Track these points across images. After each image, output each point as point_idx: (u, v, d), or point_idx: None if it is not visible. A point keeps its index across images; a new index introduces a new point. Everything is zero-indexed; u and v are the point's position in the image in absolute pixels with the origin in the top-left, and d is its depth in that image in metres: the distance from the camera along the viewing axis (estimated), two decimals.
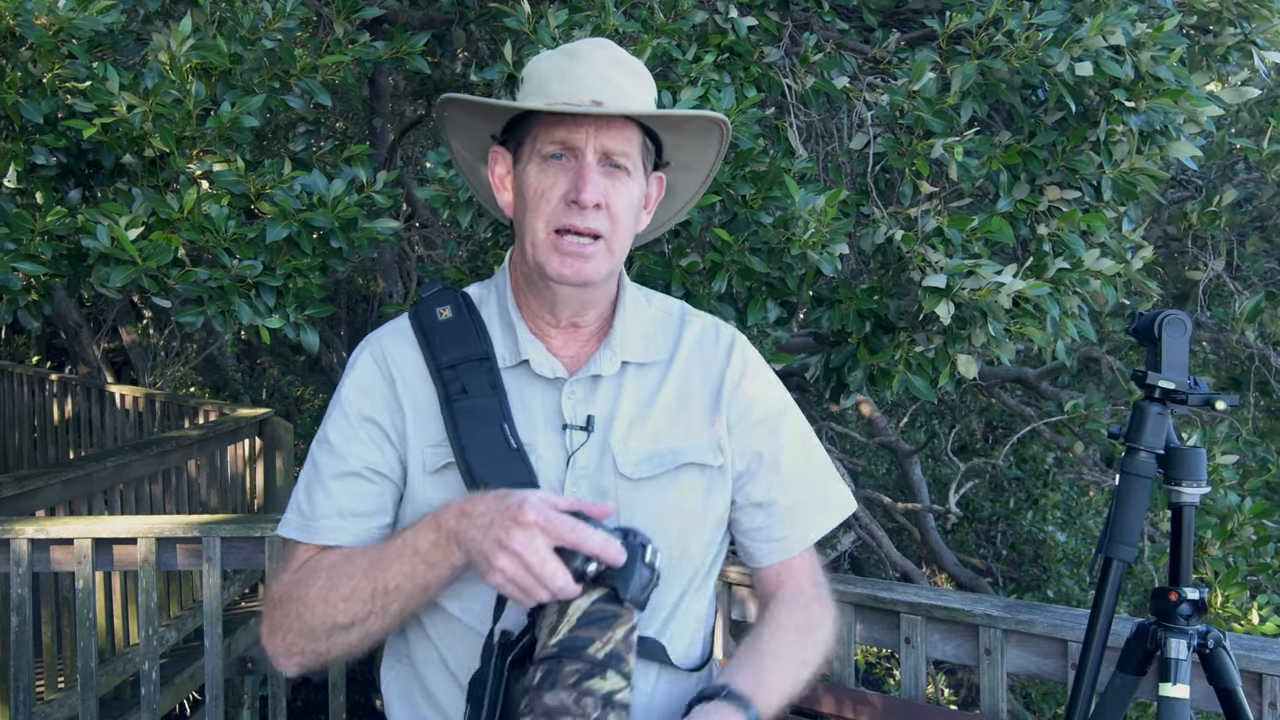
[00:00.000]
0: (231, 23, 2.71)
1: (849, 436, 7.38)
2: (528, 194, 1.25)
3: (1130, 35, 2.63)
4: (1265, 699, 2.13)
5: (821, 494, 1.41)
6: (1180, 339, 1.89)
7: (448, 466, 1.25)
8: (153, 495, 5.45)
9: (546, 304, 1.30)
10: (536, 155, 1.25)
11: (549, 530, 1.05)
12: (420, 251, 6.61)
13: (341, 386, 1.32)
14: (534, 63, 1.32)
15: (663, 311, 1.41)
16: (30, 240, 2.47)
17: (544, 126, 1.25)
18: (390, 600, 1.15)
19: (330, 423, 1.31)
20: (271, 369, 10.41)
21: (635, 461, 1.28)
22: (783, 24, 3.05)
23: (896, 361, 2.77)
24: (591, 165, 1.23)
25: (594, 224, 1.23)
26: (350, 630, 1.18)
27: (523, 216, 1.27)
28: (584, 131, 1.23)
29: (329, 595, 1.18)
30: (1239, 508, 3.34)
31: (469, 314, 1.32)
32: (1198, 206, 3.62)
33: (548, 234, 1.24)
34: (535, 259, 1.25)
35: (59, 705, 4.15)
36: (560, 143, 1.23)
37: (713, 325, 1.42)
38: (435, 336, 1.30)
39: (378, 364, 1.31)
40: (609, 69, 1.26)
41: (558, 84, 1.25)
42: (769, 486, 1.36)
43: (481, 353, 1.28)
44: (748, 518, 1.37)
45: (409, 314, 1.35)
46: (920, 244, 2.68)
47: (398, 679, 1.33)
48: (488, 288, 1.38)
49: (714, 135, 1.35)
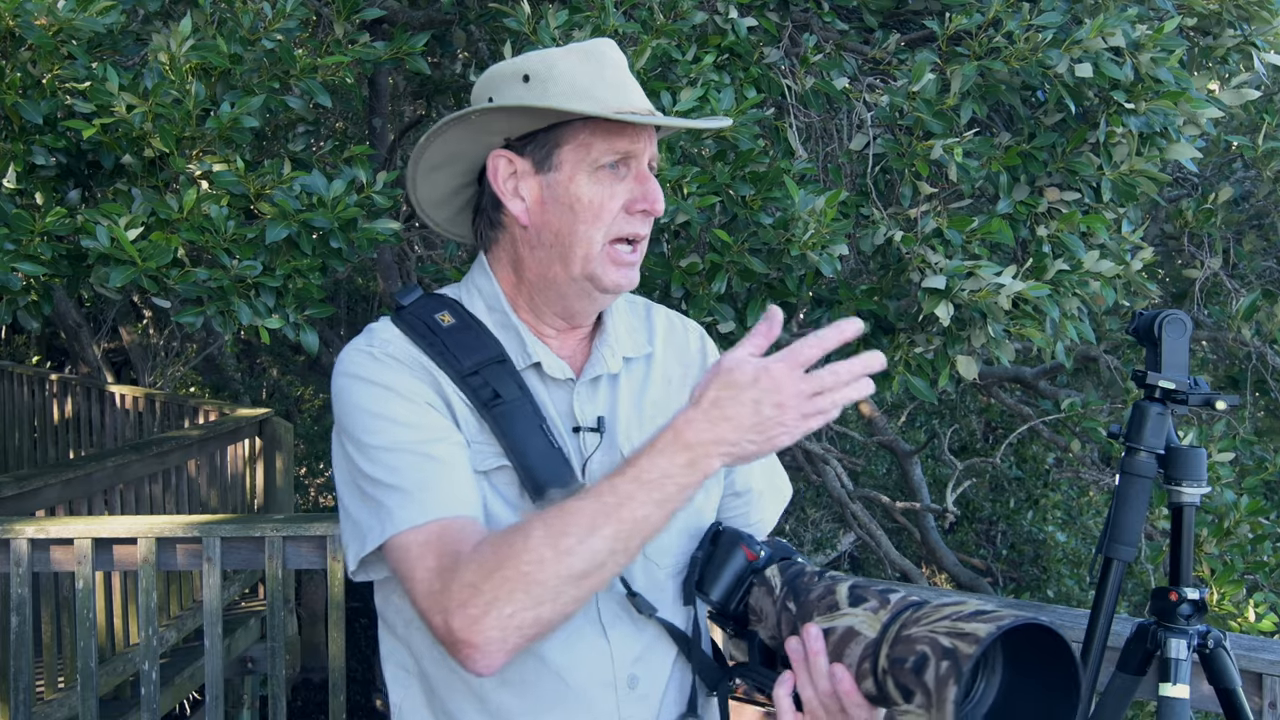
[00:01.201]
0: (231, 23, 2.71)
1: (849, 436, 7.38)
2: (577, 205, 1.21)
3: (1130, 37, 2.64)
4: (1265, 699, 2.13)
5: (777, 479, 1.47)
6: (1180, 339, 1.89)
7: (502, 469, 1.20)
8: (153, 495, 5.45)
9: (566, 310, 1.28)
10: (587, 164, 1.21)
11: (795, 360, 1.05)
12: (420, 251, 6.61)
13: (371, 380, 1.20)
14: (549, 64, 1.24)
15: (629, 304, 1.41)
16: (30, 240, 2.47)
17: (600, 135, 1.21)
18: (636, 533, 1.06)
19: (394, 409, 1.18)
20: (271, 369, 10.41)
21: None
22: (783, 25, 3.05)
23: (896, 362, 2.78)
24: (649, 174, 1.24)
25: (644, 229, 1.25)
26: (585, 580, 1.06)
27: (569, 228, 1.22)
28: (643, 141, 1.23)
29: (560, 542, 1.05)
30: (1236, 506, 3.35)
31: (469, 318, 1.28)
32: (1194, 204, 3.62)
33: (604, 244, 1.22)
34: (587, 270, 1.22)
35: (59, 705, 4.15)
36: (623, 152, 1.22)
37: (676, 316, 1.44)
38: (446, 342, 1.24)
39: (405, 359, 1.22)
40: (629, 73, 1.27)
41: (606, 91, 1.22)
42: (745, 473, 1.40)
43: (498, 355, 1.25)
44: (728, 505, 1.40)
45: (393, 320, 1.27)
46: (920, 245, 2.69)
47: (410, 698, 1.28)
48: (468, 290, 1.32)
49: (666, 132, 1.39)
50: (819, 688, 1.08)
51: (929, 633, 0.98)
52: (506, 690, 1.20)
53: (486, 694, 1.21)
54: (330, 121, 6.53)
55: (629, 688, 1.22)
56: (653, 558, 1.26)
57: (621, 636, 1.22)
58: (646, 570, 1.25)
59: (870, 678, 1.03)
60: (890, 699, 1.01)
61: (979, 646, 0.93)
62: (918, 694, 0.96)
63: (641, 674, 1.23)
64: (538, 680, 1.20)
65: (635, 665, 1.23)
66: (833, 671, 1.07)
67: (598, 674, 1.21)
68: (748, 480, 1.40)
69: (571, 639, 1.20)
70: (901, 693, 0.98)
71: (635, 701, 1.22)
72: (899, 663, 0.99)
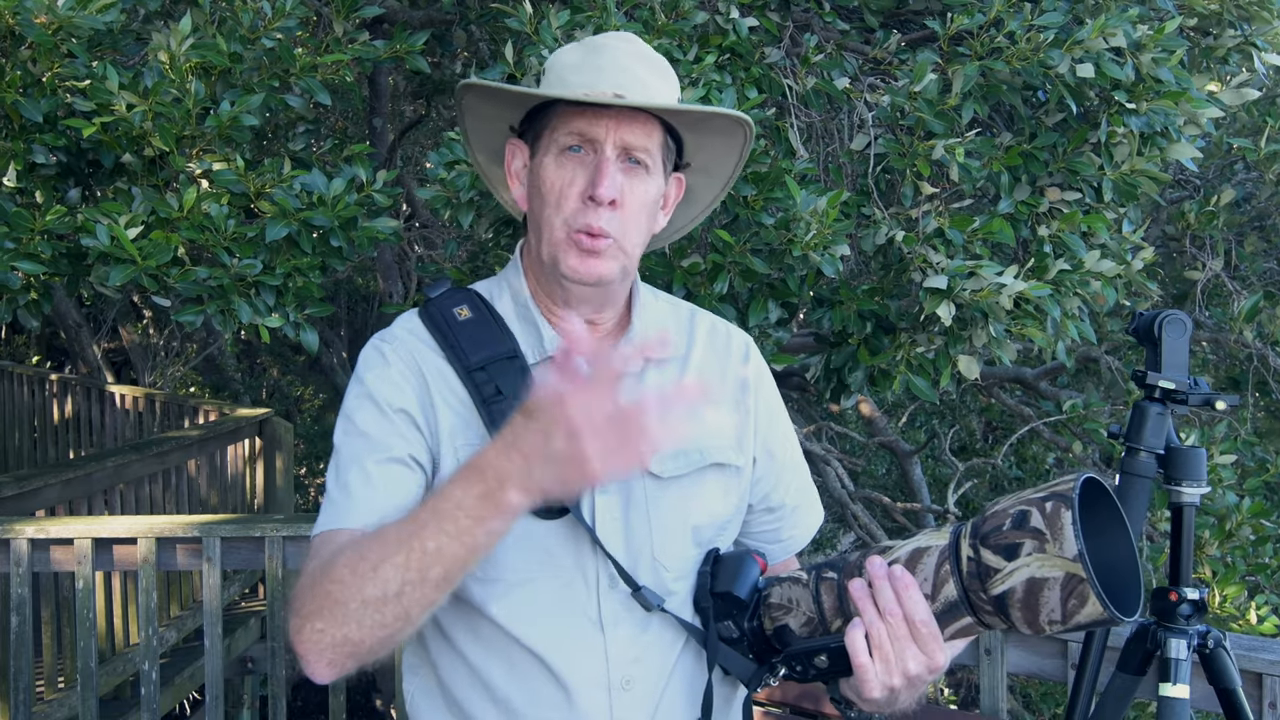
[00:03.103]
0: (231, 22, 2.71)
1: (849, 436, 7.38)
2: (544, 189, 1.22)
3: (1131, 37, 2.63)
4: (1265, 699, 2.13)
5: (811, 496, 1.44)
6: (1180, 339, 1.89)
7: None
8: (153, 495, 5.44)
9: (562, 301, 1.28)
10: (554, 147, 1.22)
11: (594, 385, 0.91)
12: (420, 251, 6.61)
13: (365, 383, 1.24)
14: (557, 54, 1.29)
15: (671, 308, 1.39)
16: (30, 239, 2.47)
17: (563, 117, 1.21)
18: (430, 565, 0.99)
19: (360, 416, 1.22)
20: (271, 369, 10.41)
21: (663, 459, 1.25)
22: (784, 25, 3.05)
23: (897, 362, 2.77)
24: (610, 159, 1.19)
25: (608, 225, 1.20)
26: (387, 608, 1.01)
27: (540, 212, 1.23)
28: (604, 124, 1.19)
29: (358, 565, 1.02)
30: (1237, 508, 3.35)
31: (488, 312, 1.29)
32: (1195, 206, 3.62)
33: (566, 232, 1.21)
34: (551, 255, 1.22)
35: (59, 705, 4.15)
36: (579, 134, 1.20)
37: (722, 324, 1.41)
38: (458, 336, 1.25)
39: (402, 359, 1.25)
40: (633, 62, 1.24)
41: (578, 75, 1.23)
42: (781, 489, 1.37)
43: (510, 350, 1.25)
44: (759, 520, 1.38)
45: (418, 314, 1.30)
46: (921, 245, 2.69)
47: (424, 692, 1.29)
48: (499, 284, 1.33)
49: (737, 137, 1.31)
50: (886, 609, 1.04)
51: (1015, 503, 1.00)
52: (512, 683, 1.21)
53: (494, 684, 1.22)
54: (331, 121, 6.53)
55: (623, 689, 1.21)
56: (660, 559, 1.24)
57: (620, 637, 1.22)
58: (654, 570, 1.24)
59: (953, 578, 1.02)
60: (985, 585, 0.99)
61: (1075, 483, 0.97)
62: (1027, 541, 0.97)
63: (637, 675, 1.22)
64: (536, 675, 1.21)
65: (632, 666, 1.22)
66: (894, 576, 1.04)
67: (592, 673, 1.20)
68: (782, 496, 1.38)
69: (567, 637, 1.20)
70: (1005, 553, 0.98)
71: (630, 703, 1.22)
72: (994, 532, 1.00)
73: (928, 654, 1.04)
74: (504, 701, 1.22)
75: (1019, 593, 0.98)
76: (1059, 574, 0.95)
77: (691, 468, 1.27)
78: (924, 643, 1.04)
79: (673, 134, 1.28)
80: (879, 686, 1.06)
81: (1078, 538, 0.94)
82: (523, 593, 1.20)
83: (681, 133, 1.29)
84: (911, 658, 1.04)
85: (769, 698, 2.57)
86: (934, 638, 1.04)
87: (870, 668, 1.06)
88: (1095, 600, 0.94)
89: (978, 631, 1.05)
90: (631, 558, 1.23)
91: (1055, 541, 0.96)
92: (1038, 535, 0.97)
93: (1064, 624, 0.97)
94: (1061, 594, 0.95)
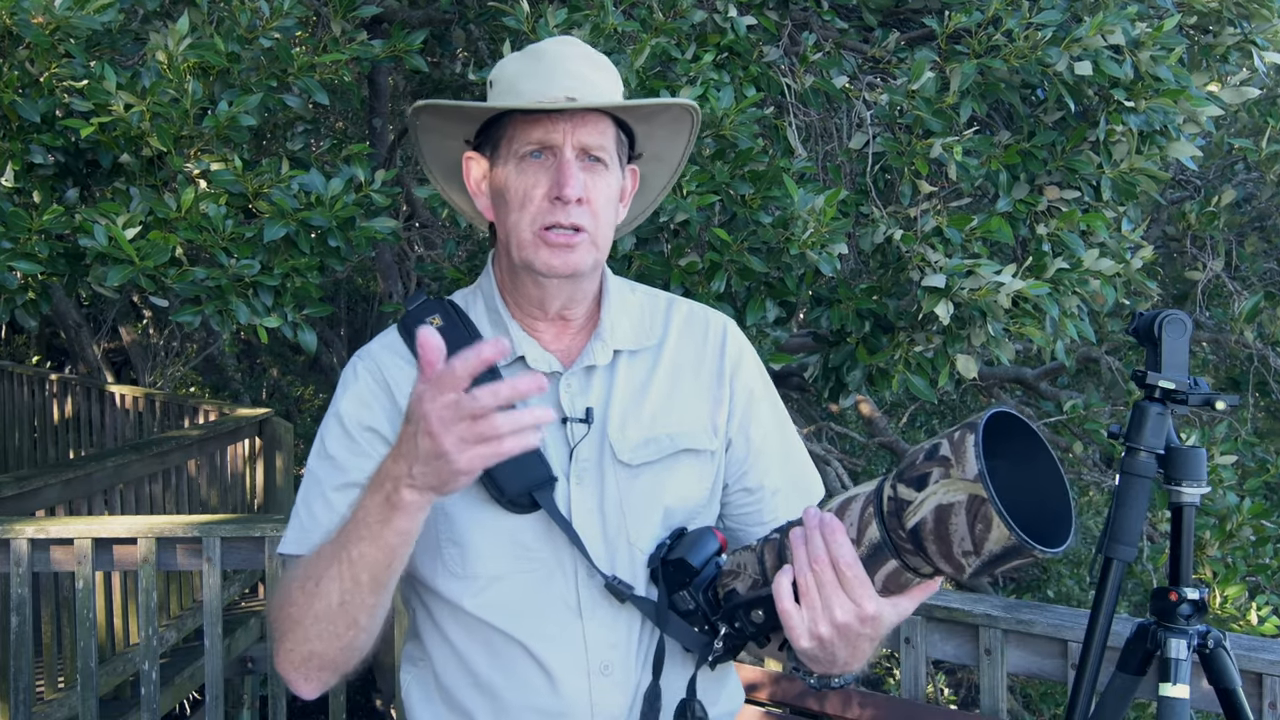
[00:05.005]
0: (229, 22, 2.71)
1: (849, 436, 7.37)
2: (509, 195, 1.25)
3: (1130, 35, 2.63)
4: (1265, 699, 2.12)
5: (804, 483, 1.44)
6: (1180, 339, 1.89)
7: None
8: (153, 495, 5.44)
9: (534, 299, 1.31)
10: (514, 156, 1.25)
11: (437, 387, 0.98)
12: (420, 251, 6.60)
13: (338, 401, 1.31)
14: (500, 66, 1.32)
15: (648, 298, 1.42)
16: (28, 239, 2.47)
17: (520, 127, 1.24)
18: (359, 571, 1.09)
19: (329, 438, 1.29)
20: (271, 369, 10.41)
21: (632, 447, 1.28)
22: (782, 23, 3.05)
23: (896, 361, 2.77)
24: (571, 161, 1.23)
25: (577, 218, 1.23)
26: (336, 619, 1.12)
27: (505, 217, 1.27)
28: (561, 128, 1.23)
29: (305, 585, 1.14)
30: (1238, 508, 3.34)
31: (459, 318, 1.33)
32: (1196, 206, 3.62)
33: (533, 232, 1.24)
34: (522, 257, 1.26)
35: (59, 705, 4.15)
36: (538, 141, 1.24)
37: (700, 310, 1.43)
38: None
39: (373, 376, 1.30)
40: (578, 65, 1.27)
41: (528, 82, 1.26)
42: (758, 471, 1.38)
43: None
44: (736, 500, 1.39)
45: (397, 327, 1.35)
46: (919, 244, 2.68)
47: (418, 682, 1.34)
48: (474, 292, 1.38)
49: (685, 123, 1.36)
50: (814, 555, 1.05)
51: (931, 439, 1.00)
52: (495, 670, 1.26)
53: (479, 672, 1.27)
54: (330, 121, 6.53)
55: (602, 674, 1.24)
56: (635, 543, 1.27)
57: (598, 624, 1.25)
58: (630, 555, 1.27)
59: (875, 519, 1.01)
60: (902, 519, 0.98)
61: (981, 418, 0.96)
62: (935, 470, 0.96)
63: (616, 660, 1.25)
64: (519, 663, 1.25)
65: (610, 652, 1.25)
66: (823, 522, 1.05)
67: (572, 660, 1.24)
68: (760, 477, 1.38)
69: (548, 626, 1.24)
70: (916, 484, 0.97)
71: (608, 688, 1.25)
72: (909, 467, 0.99)
73: (855, 600, 1.04)
74: (488, 688, 1.26)
75: (930, 523, 0.96)
76: (963, 497, 0.93)
77: (662, 454, 1.30)
78: (850, 588, 1.04)
79: (624, 127, 1.31)
80: (806, 635, 1.06)
81: (978, 458, 0.92)
82: (500, 586, 1.24)
83: (632, 125, 1.32)
84: (839, 605, 1.04)
85: (769, 698, 2.57)
86: (860, 583, 1.03)
87: (795, 613, 1.06)
88: (1000, 523, 0.90)
89: (909, 580, 1.03)
90: (609, 545, 1.26)
91: (959, 465, 0.94)
92: (944, 462, 0.95)
93: (977, 554, 0.93)
94: (968, 518, 0.93)
